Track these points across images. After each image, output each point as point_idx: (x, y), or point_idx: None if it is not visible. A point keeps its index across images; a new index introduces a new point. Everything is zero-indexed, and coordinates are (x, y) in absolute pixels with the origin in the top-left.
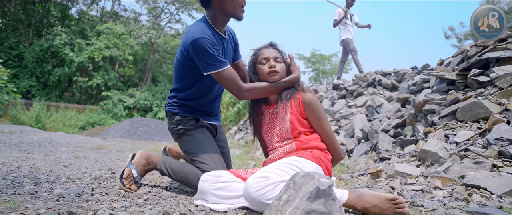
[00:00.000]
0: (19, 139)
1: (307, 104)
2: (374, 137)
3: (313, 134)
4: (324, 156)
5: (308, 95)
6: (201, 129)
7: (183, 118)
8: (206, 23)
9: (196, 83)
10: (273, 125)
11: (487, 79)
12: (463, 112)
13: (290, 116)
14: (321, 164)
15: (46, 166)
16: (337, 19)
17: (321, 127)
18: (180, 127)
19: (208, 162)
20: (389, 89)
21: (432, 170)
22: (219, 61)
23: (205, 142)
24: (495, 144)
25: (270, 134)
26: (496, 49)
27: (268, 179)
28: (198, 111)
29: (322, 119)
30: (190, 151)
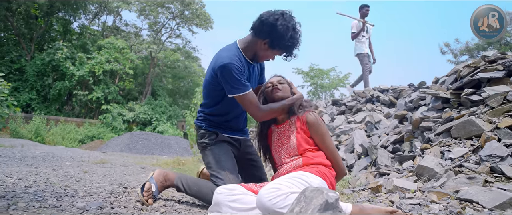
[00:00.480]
0: (21, 153)
1: (310, 124)
2: (374, 153)
3: (319, 152)
4: (329, 172)
5: (311, 115)
6: (221, 144)
7: (206, 132)
8: (236, 49)
9: (221, 101)
10: (281, 142)
11: (479, 98)
12: (457, 130)
13: (295, 135)
14: (326, 179)
15: (60, 181)
16: (355, 31)
17: (324, 145)
18: (202, 140)
19: (222, 177)
20: (387, 105)
21: (429, 185)
22: (243, 85)
23: (222, 157)
24: (487, 161)
25: (279, 151)
26: (487, 70)
27: (280, 190)
28: (221, 126)
29: (325, 137)
30: (209, 165)
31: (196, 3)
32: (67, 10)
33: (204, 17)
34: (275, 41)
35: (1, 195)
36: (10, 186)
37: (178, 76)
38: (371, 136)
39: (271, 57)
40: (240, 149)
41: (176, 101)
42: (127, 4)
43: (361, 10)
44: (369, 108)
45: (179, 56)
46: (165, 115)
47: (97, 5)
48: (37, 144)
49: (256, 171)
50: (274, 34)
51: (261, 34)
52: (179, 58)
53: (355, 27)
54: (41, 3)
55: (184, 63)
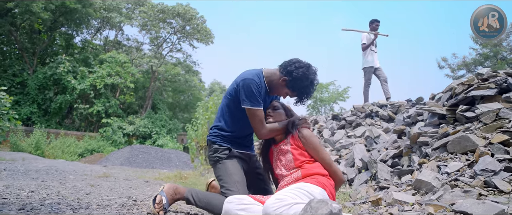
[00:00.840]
0: (24, 166)
1: (302, 138)
2: (373, 167)
3: (315, 163)
4: (328, 181)
5: (303, 131)
6: (233, 159)
7: (219, 147)
8: (261, 74)
9: (239, 119)
10: (280, 159)
11: (473, 115)
12: (453, 145)
13: (291, 150)
14: (326, 188)
15: (70, 194)
16: (365, 43)
17: (318, 156)
18: (216, 154)
19: (233, 188)
20: (386, 120)
21: (426, 198)
22: (256, 100)
23: (233, 170)
24: (481, 175)
25: (279, 167)
26: (480, 87)
27: (284, 200)
28: (233, 142)
29: (317, 149)
30: (220, 178)
31: (197, 18)
32: (70, 25)
33: (204, 32)
34: (293, 82)
35: (20, 207)
36: (25, 198)
37: (179, 90)
38: (371, 150)
39: (282, 94)
40: (249, 164)
41: (176, 115)
42: (129, 19)
43: (371, 25)
44: (368, 122)
45: (180, 70)
46: (165, 128)
47: (99, 20)
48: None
49: (263, 184)
50: (295, 77)
51: (285, 72)
52: (180, 72)
53: (365, 39)
54: (45, 18)
55: (185, 77)
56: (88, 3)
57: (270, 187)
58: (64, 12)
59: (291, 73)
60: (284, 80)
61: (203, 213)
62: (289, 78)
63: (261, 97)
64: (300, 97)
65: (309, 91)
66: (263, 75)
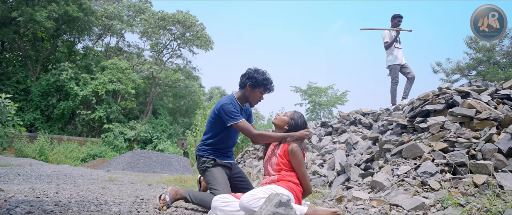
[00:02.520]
0: (34, 171)
1: (290, 152)
2: (349, 170)
3: (292, 172)
4: (296, 188)
5: (293, 146)
6: (217, 167)
7: (206, 159)
8: (233, 97)
9: (220, 133)
10: (270, 156)
11: (425, 126)
12: (406, 151)
13: (278, 155)
14: (293, 192)
15: (88, 194)
16: (388, 41)
17: (298, 170)
18: (204, 165)
19: (219, 188)
20: (367, 127)
21: (377, 195)
22: (236, 116)
23: (218, 176)
24: (421, 176)
25: (266, 163)
26: (432, 103)
27: (255, 195)
28: (217, 153)
29: (300, 165)
30: (209, 182)
31: (196, 25)
32: (72, 33)
33: (204, 38)
34: (253, 80)
35: (55, 203)
36: (54, 198)
37: (179, 95)
38: (349, 155)
39: (258, 96)
40: (231, 170)
41: (176, 119)
42: (131, 27)
43: (393, 20)
44: (352, 129)
45: (180, 76)
46: (166, 133)
47: (101, 27)
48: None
49: (245, 185)
50: (251, 76)
51: (244, 83)
52: (180, 78)
53: (387, 36)
54: (48, 27)
55: (185, 83)
56: (90, 11)
57: (251, 186)
58: (66, 20)
59: (250, 77)
60: (249, 85)
61: (198, 208)
62: (251, 81)
63: (238, 113)
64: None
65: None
66: (235, 97)
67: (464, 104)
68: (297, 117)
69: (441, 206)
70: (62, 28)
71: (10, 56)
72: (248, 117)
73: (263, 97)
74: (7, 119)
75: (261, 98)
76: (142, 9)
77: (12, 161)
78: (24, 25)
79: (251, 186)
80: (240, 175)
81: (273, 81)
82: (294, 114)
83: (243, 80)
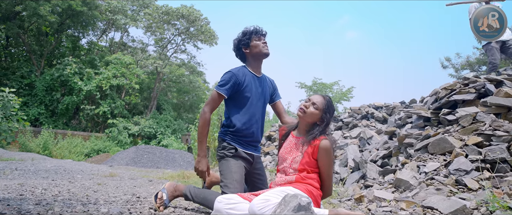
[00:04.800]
0: (34, 166)
1: (323, 150)
2: (364, 167)
3: (313, 174)
4: (316, 191)
5: (326, 143)
6: (237, 159)
7: (227, 145)
8: (244, 66)
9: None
10: (290, 151)
11: (454, 118)
12: (433, 146)
13: (305, 153)
14: (312, 196)
15: (80, 191)
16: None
17: (327, 171)
18: (223, 151)
19: (230, 186)
20: (380, 121)
21: (403, 195)
22: (222, 86)
23: (235, 169)
24: (454, 174)
25: (285, 158)
26: (461, 92)
27: (269, 200)
28: (241, 141)
29: (330, 166)
30: (222, 173)
31: (201, 20)
32: (76, 27)
33: (208, 33)
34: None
35: (37, 202)
36: (40, 195)
37: (183, 90)
38: (363, 151)
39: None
40: (252, 164)
41: (180, 115)
42: (135, 21)
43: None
44: (364, 124)
45: (184, 71)
46: (170, 128)
47: (105, 22)
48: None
49: (261, 184)
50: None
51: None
52: (184, 73)
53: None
54: (52, 21)
55: (189, 78)
56: (94, 6)
57: (267, 187)
58: (70, 14)
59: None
60: (244, 48)
61: (200, 208)
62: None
63: (237, 86)
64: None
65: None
66: (246, 66)
67: (500, 93)
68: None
69: (486, 209)
70: (66, 23)
71: (15, 51)
72: (273, 91)
73: (265, 41)
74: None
75: (264, 44)
76: (146, 3)
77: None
78: (28, 20)
79: (266, 186)
80: (259, 171)
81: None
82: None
83: (237, 53)
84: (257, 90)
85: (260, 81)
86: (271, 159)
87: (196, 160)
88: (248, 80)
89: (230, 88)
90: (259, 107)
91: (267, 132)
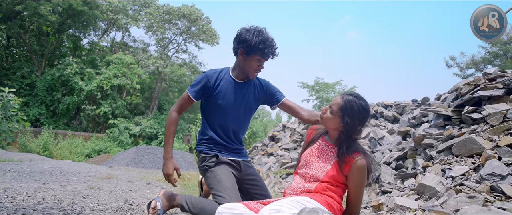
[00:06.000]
0: (30, 167)
1: (355, 167)
2: (377, 169)
3: (338, 188)
4: (336, 205)
5: (362, 161)
6: (222, 166)
7: (206, 155)
8: (227, 68)
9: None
10: (316, 157)
11: (480, 116)
12: (458, 147)
13: (333, 164)
14: (331, 210)
15: (67, 197)
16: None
17: (354, 191)
18: (204, 163)
19: (224, 195)
20: (390, 121)
21: (430, 204)
22: (193, 88)
23: (222, 177)
24: (488, 179)
25: (309, 162)
26: (486, 88)
27: (280, 211)
28: (218, 146)
29: (360, 187)
30: (211, 186)
31: (202, 19)
32: (77, 27)
33: (210, 32)
34: (246, 44)
35: (12, 212)
36: (20, 203)
37: (184, 90)
38: (375, 152)
39: (255, 64)
40: (241, 171)
41: (182, 115)
42: (136, 21)
43: None
44: (373, 123)
45: (186, 71)
46: None
47: (106, 22)
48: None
49: (258, 190)
50: (242, 40)
51: (236, 49)
52: (186, 73)
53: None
54: (53, 21)
55: (190, 78)
56: (95, 5)
57: (268, 193)
58: (71, 14)
59: (241, 41)
60: (241, 51)
61: None
62: (243, 45)
63: (207, 90)
64: (262, 51)
65: (264, 38)
66: (229, 69)
67: None
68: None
69: None
70: (67, 23)
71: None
72: (269, 96)
73: (262, 66)
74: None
75: (259, 68)
76: (147, 3)
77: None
78: (29, 20)
79: (267, 192)
80: (253, 177)
81: (273, 41)
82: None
83: (234, 46)
84: (235, 97)
85: (241, 87)
86: (275, 160)
87: (163, 164)
88: (222, 86)
89: (199, 91)
90: (236, 116)
91: (270, 132)
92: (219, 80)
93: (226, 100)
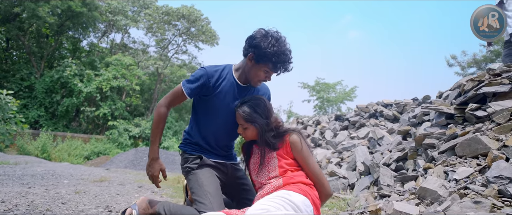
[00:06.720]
0: (23, 171)
1: (294, 143)
2: (376, 171)
3: (299, 171)
4: (311, 190)
5: (293, 136)
6: (205, 168)
7: (189, 156)
8: (228, 66)
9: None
10: (263, 163)
11: (485, 114)
12: (462, 148)
13: (277, 156)
14: (308, 196)
15: (44, 203)
16: None
17: (308, 165)
18: (186, 165)
19: (205, 202)
20: (390, 120)
21: (432, 209)
22: (188, 85)
23: (205, 181)
24: (495, 182)
25: (259, 173)
26: (491, 84)
27: (268, 211)
28: (203, 149)
29: (308, 158)
30: (193, 190)
31: (201, 20)
32: (76, 29)
33: (209, 33)
34: (258, 51)
35: None
36: None
37: None
38: (374, 153)
39: (262, 75)
40: (228, 174)
41: (182, 116)
42: (135, 22)
43: None
44: (372, 123)
45: (185, 72)
46: (171, 130)
47: (106, 23)
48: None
49: (247, 194)
50: (255, 45)
51: (246, 51)
52: (185, 74)
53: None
54: (51, 22)
55: None
56: (94, 7)
57: None
58: (70, 16)
59: (254, 45)
60: (251, 56)
61: None
62: (255, 50)
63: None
64: (274, 63)
65: (279, 50)
66: (232, 68)
67: None
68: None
69: None
70: (66, 24)
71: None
72: None
73: (270, 78)
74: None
75: (266, 79)
76: (146, 4)
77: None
78: (27, 21)
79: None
80: (242, 181)
81: (290, 54)
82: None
83: (245, 47)
84: (234, 101)
85: (243, 91)
86: None
87: (147, 163)
88: (224, 86)
89: (195, 89)
90: (232, 122)
91: None
92: (221, 80)
93: (224, 103)
